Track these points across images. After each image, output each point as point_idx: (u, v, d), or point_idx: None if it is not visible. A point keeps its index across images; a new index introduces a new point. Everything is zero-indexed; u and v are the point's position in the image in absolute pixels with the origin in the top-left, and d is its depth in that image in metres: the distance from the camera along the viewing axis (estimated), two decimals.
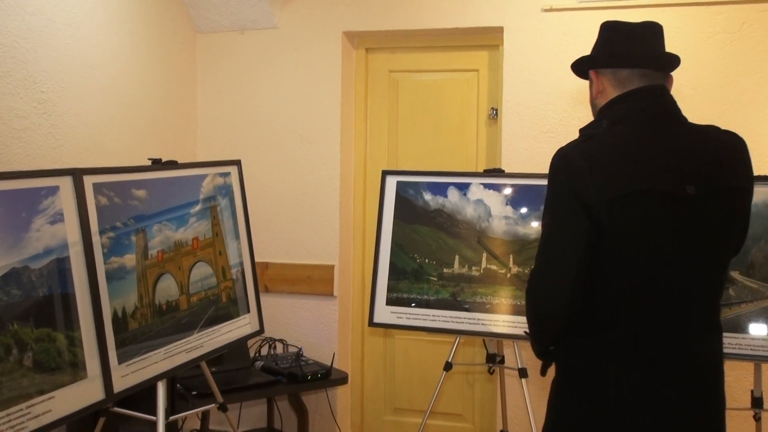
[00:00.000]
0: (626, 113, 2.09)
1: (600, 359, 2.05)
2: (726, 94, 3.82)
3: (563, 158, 2.04)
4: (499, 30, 4.14)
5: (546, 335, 2.18)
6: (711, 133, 2.11)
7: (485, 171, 3.63)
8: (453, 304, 3.47)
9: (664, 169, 1.99)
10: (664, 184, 1.98)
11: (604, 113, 2.14)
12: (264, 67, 4.49)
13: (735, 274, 3.07)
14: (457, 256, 3.51)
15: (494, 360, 3.68)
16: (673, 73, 2.17)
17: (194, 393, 3.58)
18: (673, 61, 2.16)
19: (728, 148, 2.07)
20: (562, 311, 2.05)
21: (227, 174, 3.40)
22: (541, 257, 2.09)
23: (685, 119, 2.11)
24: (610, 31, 2.20)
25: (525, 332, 2.44)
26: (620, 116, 2.09)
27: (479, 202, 3.50)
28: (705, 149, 2.04)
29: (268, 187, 4.47)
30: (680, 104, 2.10)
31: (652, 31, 2.16)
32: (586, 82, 2.31)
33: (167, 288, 2.97)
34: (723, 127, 2.12)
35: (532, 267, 2.12)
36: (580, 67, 2.27)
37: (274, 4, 4.38)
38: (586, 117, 2.16)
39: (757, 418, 3.27)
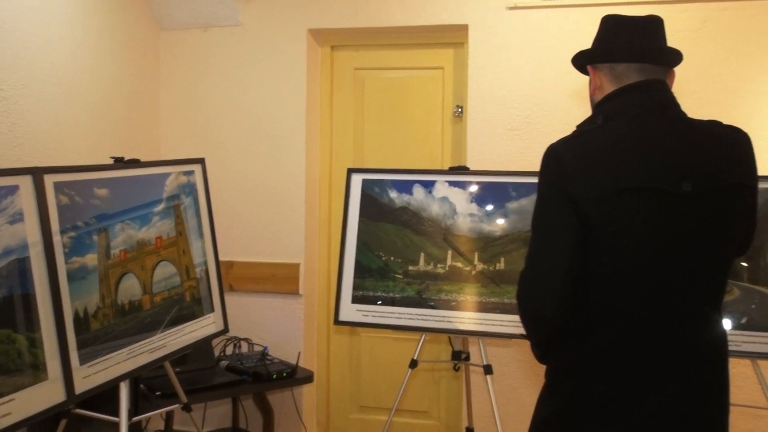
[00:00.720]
0: (621, 108, 2.05)
1: (591, 360, 2.00)
2: (688, 90, 3.86)
3: (552, 155, 2.01)
4: (464, 28, 4.15)
5: (542, 338, 2.13)
6: (711, 128, 2.05)
7: (450, 169, 3.63)
8: (418, 301, 3.47)
9: (657, 166, 1.95)
10: (657, 181, 1.93)
11: (599, 109, 2.10)
12: (228, 65, 4.46)
13: None
14: (422, 254, 3.51)
15: (459, 357, 3.68)
16: None
17: (158, 393, 3.55)
18: (673, 55, 2.11)
19: (727, 143, 2.01)
20: (555, 313, 2.00)
21: (191, 172, 3.37)
22: (530, 258, 2.03)
23: (683, 114, 2.07)
24: (608, 24, 2.14)
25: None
26: (615, 112, 2.06)
27: (444, 199, 3.51)
28: (702, 145, 1.99)
29: (233, 185, 4.44)
30: None
31: (652, 25, 2.10)
32: (551, 80, 2.32)
33: (130, 288, 2.94)
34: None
35: (522, 268, 2.06)
36: (579, 62, 2.22)
37: (238, 1, 4.35)
38: (552, 114, 2.15)
39: None
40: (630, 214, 1.93)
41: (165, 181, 3.20)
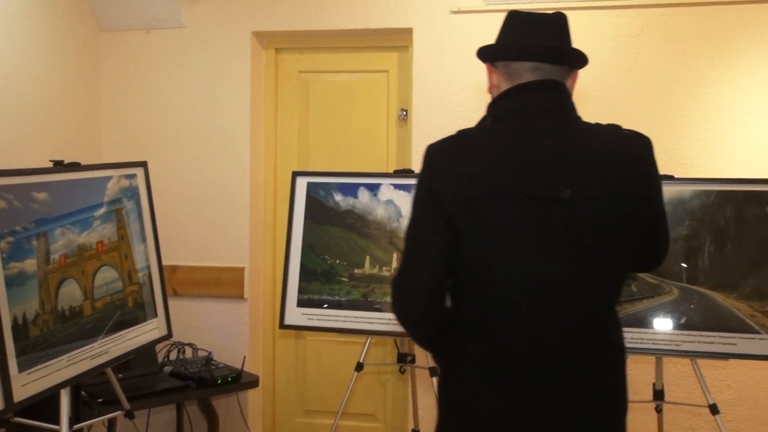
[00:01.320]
0: (507, 109, 1.95)
1: (468, 373, 1.92)
2: (628, 95, 3.93)
3: (426, 155, 1.93)
4: (409, 31, 4.17)
5: (418, 341, 2.10)
6: (605, 134, 1.94)
7: (395, 172, 3.64)
8: (364, 304, 3.47)
9: (534, 171, 1.84)
10: (531, 186, 1.82)
11: (490, 108, 2.00)
12: (171, 67, 4.42)
13: None
14: (367, 257, 3.52)
15: (405, 359, 3.70)
16: (581, 76, 2.10)
17: (100, 400, 3.49)
18: (571, 55, 1.98)
19: (618, 151, 1.90)
20: (424, 318, 1.94)
21: (133, 176, 3.33)
22: (401, 262, 1.95)
23: (575, 118, 1.95)
24: (509, 21, 2.01)
25: None
26: (502, 112, 1.96)
27: (390, 202, 3.52)
28: (590, 151, 1.88)
29: (176, 188, 4.39)
30: (585, 106, 2.08)
31: (553, 23, 1.98)
32: None
33: (70, 293, 2.89)
34: (626, 128, 2.04)
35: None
36: (481, 60, 2.10)
37: (181, 2, 4.31)
38: None
39: (659, 410, 3.37)
40: (500, 221, 1.83)
41: (106, 184, 3.16)
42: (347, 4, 4.22)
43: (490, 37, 2.08)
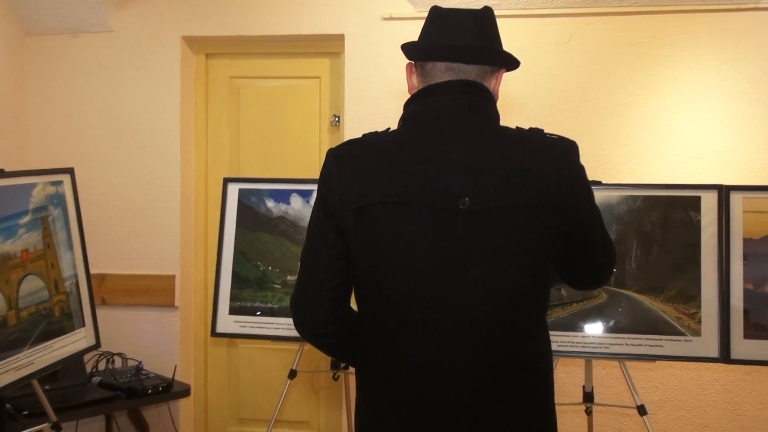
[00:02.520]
0: (414, 111, 1.86)
1: (370, 392, 1.86)
2: (557, 102, 3.99)
3: (325, 159, 1.84)
4: (340, 38, 4.17)
5: (324, 352, 2.04)
6: (518, 140, 1.81)
7: None
8: None
9: (431, 179, 1.72)
10: (426, 195, 1.71)
11: (404, 110, 1.91)
12: (99, 72, 4.34)
13: None
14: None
15: (339, 366, 3.69)
16: (508, 82, 2.09)
17: (25, 413, 3.40)
18: (488, 54, 1.86)
19: (531, 159, 1.77)
20: (317, 331, 1.87)
21: (59, 182, 3.26)
22: (299, 272, 1.89)
23: (488, 121, 1.84)
24: (429, 18, 1.90)
25: None
26: (409, 115, 1.87)
27: None
28: (495, 159, 1.75)
29: (105, 195, 4.32)
30: (514, 113, 2.09)
31: (476, 19, 1.84)
32: None
33: None
34: (551, 133, 1.93)
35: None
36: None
37: (108, 6, 4.24)
38: None
39: (589, 412, 3.42)
40: (390, 231, 1.72)
41: (31, 191, 3.08)
42: (279, 10, 4.20)
43: None
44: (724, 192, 3.18)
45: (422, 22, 1.94)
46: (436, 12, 1.89)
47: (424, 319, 1.74)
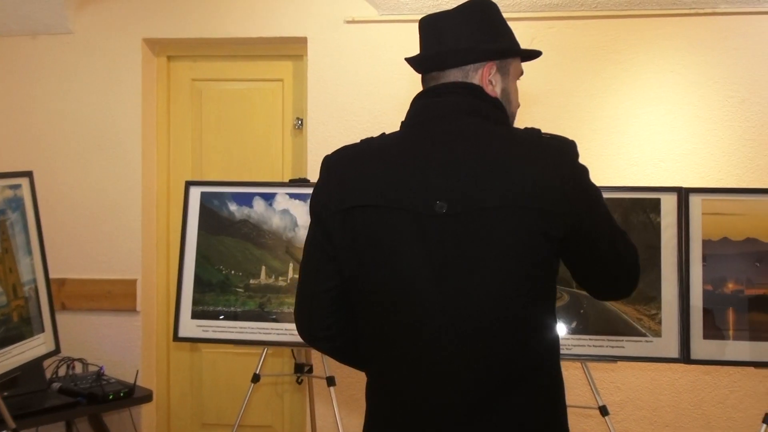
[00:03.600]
0: (409, 114, 1.85)
1: (370, 398, 1.84)
2: (521, 107, 4.01)
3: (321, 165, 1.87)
4: (303, 40, 4.17)
5: (329, 356, 2.01)
6: (506, 141, 1.77)
7: (291, 181, 3.63)
8: (260, 315, 3.44)
9: (414, 182, 1.72)
10: (408, 199, 1.71)
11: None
12: (59, 74, 4.29)
13: None
14: (263, 267, 3.49)
15: (302, 370, 3.68)
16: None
17: None
18: (455, 55, 1.83)
19: (519, 161, 1.72)
20: (313, 335, 1.88)
21: (18, 186, 3.22)
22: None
23: (474, 121, 1.79)
24: (419, 29, 1.92)
25: None
26: (406, 117, 1.87)
27: (285, 212, 3.50)
28: (478, 161, 1.72)
29: (65, 199, 4.27)
30: None
31: (448, 21, 1.85)
32: (389, 92, 2.21)
33: None
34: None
35: None
36: None
37: (68, 8, 4.19)
38: (390, 126, 2.03)
39: None
40: (374, 235, 1.73)
41: None
42: (241, 13, 4.18)
43: (384, 46, 2.08)
44: (683, 194, 3.22)
45: (385, 26, 1.98)
46: (419, 22, 1.91)
47: (412, 323, 1.71)
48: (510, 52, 1.89)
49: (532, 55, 1.97)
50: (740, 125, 3.91)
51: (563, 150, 1.76)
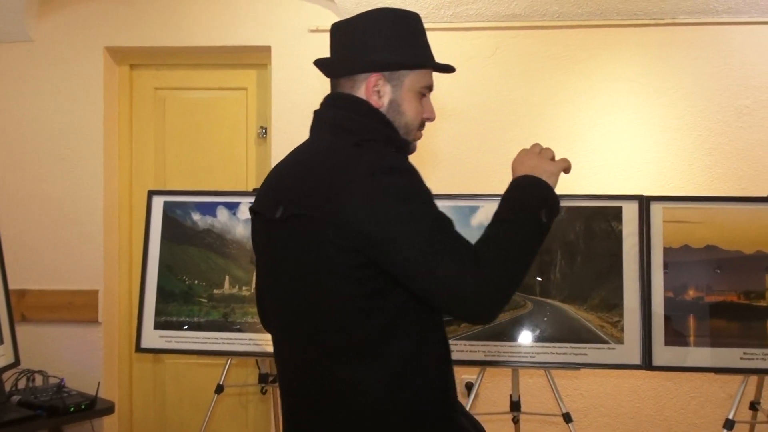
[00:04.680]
0: None
1: None
2: (482, 114, 4.04)
3: None
4: (267, 49, 4.16)
5: None
6: (322, 152, 1.81)
7: (255, 190, 3.61)
8: (224, 325, 3.42)
9: (268, 189, 1.90)
10: (261, 204, 1.89)
11: None
12: (18, 83, 4.23)
13: None
14: (227, 277, 3.47)
15: (267, 380, 3.66)
16: (436, 94, 2.11)
17: None
18: (338, 65, 1.95)
19: (316, 170, 1.76)
20: (262, 320, 2.08)
21: None
22: None
23: (325, 133, 1.88)
24: None
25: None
26: None
27: (249, 221, 3.46)
28: (307, 171, 1.79)
29: (25, 209, 4.20)
30: (442, 125, 2.08)
31: (345, 29, 1.95)
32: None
33: None
34: (477, 147, 1.93)
35: None
36: None
37: (28, 15, 4.14)
38: None
39: (516, 421, 3.46)
40: (253, 236, 2.00)
41: None
42: (205, 21, 4.17)
43: None
44: (644, 202, 3.25)
45: None
46: (330, 29, 2.01)
47: (272, 322, 1.94)
48: (399, 65, 1.89)
49: (440, 68, 2.00)
50: (700, 134, 3.96)
51: (356, 163, 1.71)
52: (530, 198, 1.79)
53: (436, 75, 2.01)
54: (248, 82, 4.37)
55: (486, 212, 3.29)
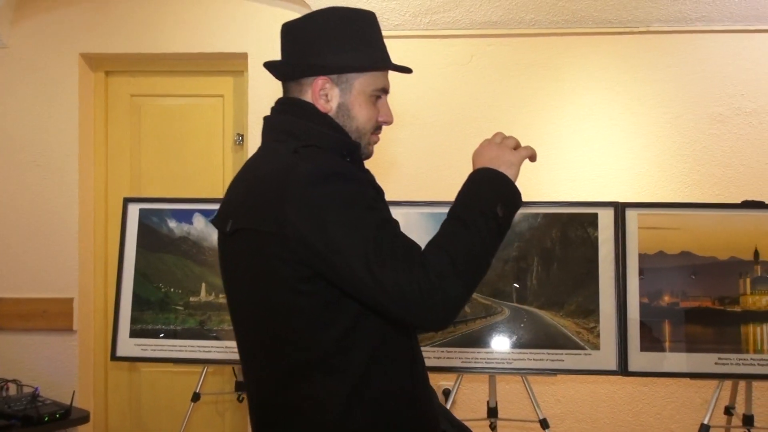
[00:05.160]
0: None
1: None
2: (459, 121, 4.05)
3: None
4: (244, 56, 4.15)
5: None
6: (269, 161, 1.75)
7: None
8: (201, 332, 3.41)
9: (222, 202, 1.86)
10: (216, 218, 1.86)
11: None
12: None
13: None
14: (203, 284, 3.45)
15: (243, 387, 3.64)
16: (412, 102, 2.06)
17: None
18: (283, 68, 1.88)
19: (260, 183, 1.71)
20: None
21: None
22: None
23: (272, 140, 1.82)
24: None
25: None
26: None
27: None
28: (251, 182, 1.76)
29: None
30: (418, 131, 2.03)
31: (289, 31, 1.88)
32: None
33: None
34: (454, 154, 1.84)
35: None
36: None
37: (2, 22, 4.11)
38: None
39: (493, 428, 3.47)
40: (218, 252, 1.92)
41: None
42: (181, 28, 4.15)
43: None
44: (620, 209, 3.28)
45: None
46: (280, 29, 1.93)
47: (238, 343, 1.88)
48: (346, 68, 1.81)
49: (394, 69, 1.88)
50: (674, 141, 4.00)
51: (292, 172, 1.65)
52: (484, 193, 1.70)
53: (411, 82, 1.96)
54: (225, 88, 4.35)
55: None
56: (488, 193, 1.69)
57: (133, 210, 3.53)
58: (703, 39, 4.00)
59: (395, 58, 1.90)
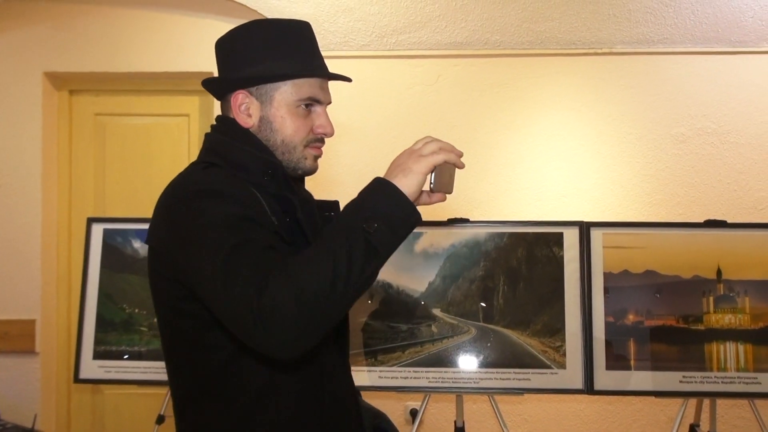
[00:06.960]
0: None
1: None
2: None
3: None
4: (209, 75, 4.12)
5: None
6: (171, 182, 1.75)
7: None
8: None
9: None
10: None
11: None
12: None
13: (436, 311, 3.25)
14: None
15: None
16: (380, 121, 2.01)
17: None
18: (210, 86, 1.85)
19: (159, 201, 1.72)
20: None
21: None
22: None
23: (200, 158, 1.81)
24: None
25: None
26: None
27: None
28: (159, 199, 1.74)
29: None
30: (385, 151, 1.99)
31: (217, 49, 1.85)
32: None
33: None
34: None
35: None
36: None
37: None
38: None
39: None
40: None
41: None
42: (145, 47, 4.14)
43: None
44: (584, 228, 3.30)
45: None
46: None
47: None
48: (260, 79, 1.74)
49: (319, 76, 1.79)
50: (638, 161, 4.04)
51: (171, 186, 1.69)
52: (359, 208, 1.52)
53: (378, 101, 1.94)
54: (190, 108, 4.34)
55: (429, 238, 3.30)
56: (362, 210, 1.51)
57: (97, 230, 3.49)
58: (665, 60, 4.06)
59: (362, 78, 1.89)
